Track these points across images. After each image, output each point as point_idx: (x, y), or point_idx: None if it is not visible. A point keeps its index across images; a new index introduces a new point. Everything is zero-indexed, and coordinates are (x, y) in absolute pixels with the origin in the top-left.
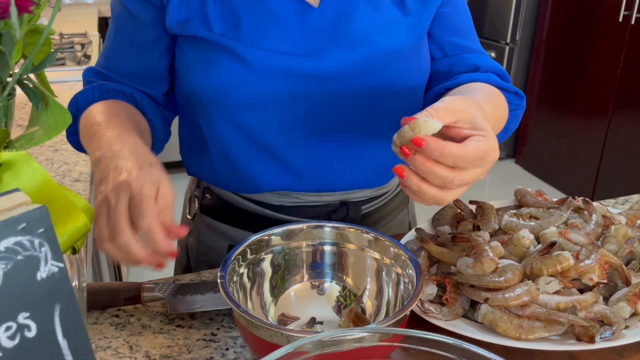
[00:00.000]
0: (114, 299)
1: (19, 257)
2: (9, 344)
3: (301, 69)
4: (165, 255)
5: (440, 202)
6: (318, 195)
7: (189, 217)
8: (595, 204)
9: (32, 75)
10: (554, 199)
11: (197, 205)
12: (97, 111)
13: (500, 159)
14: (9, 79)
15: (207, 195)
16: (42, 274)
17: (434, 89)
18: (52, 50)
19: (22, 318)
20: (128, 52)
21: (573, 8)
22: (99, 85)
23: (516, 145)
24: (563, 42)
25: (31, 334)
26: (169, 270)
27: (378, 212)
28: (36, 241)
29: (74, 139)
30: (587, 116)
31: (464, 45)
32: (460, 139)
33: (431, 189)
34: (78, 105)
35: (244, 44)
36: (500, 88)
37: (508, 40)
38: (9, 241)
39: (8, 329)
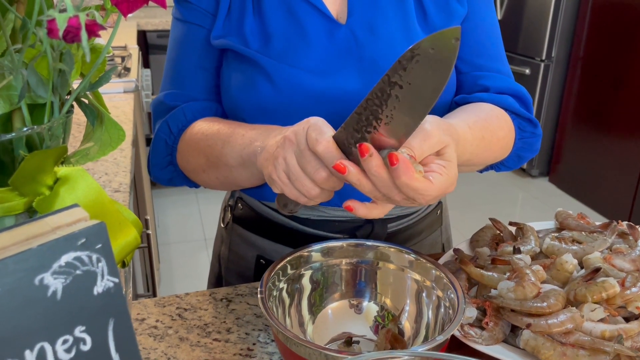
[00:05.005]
0: None
1: (78, 272)
2: (65, 357)
3: (323, 87)
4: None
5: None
6: (344, 210)
7: (222, 225)
8: None
9: (88, 93)
10: (597, 223)
11: (230, 215)
12: (207, 125)
13: (533, 177)
14: (67, 97)
15: (239, 205)
16: (98, 288)
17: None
18: (108, 69)
19: (79, 332)
20: (202, 68)
21: (611, 24)
22: (187, 106)
23: (550, 163)
24: (600, 59)
25: (86, 347)
26: (203, 280)
27: (406, 231)
28: (94, 256)
29: (167, 170)
30: (624, 135)
31: (479, 63)
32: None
33: (371, 187)
34: (171, 130)
35: (273, 59)
36: (512, 112)
37: (543, 57)
38: (69, 256)
39: (65, 342)
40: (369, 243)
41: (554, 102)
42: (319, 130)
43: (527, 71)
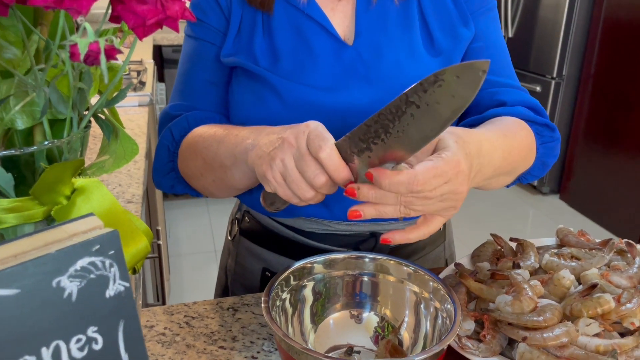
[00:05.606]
0: None
1: (92, 276)
2: (78, 354)
3: (330, 103)
4: (342, 181)
5: (407, 215)
6: (348, 224)
7: (229, 238)
8: (639, 246)
9: (105, 109)
10: (597, 240)
11: (237, 228)
12: (206, 128)
13: (544, 194)
14: (85, 112)
15: (246, 218)
16: (110, 292)
17: (460, 124)
18: (124, 87)
19: (91, 332)
20: (212, 83)
21: (621, 42)
22: (190, 114)
23: (561, 181)
24: (611, 77)
25: (98, 346)
26: (212, 291)
27: (409, 245)
28: (107, 262)
29: (169, 177)
30: (636, 153)
31: (493, 80)
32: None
33: (389, 207)
34: (174, 137)
35: (281, 77)
36: (528, 120)
37: (554, 75)
38: (84, 261)
39: (78, 340)
40: (370, 256)
41: (565, 120)
42: (322, 137)
43: (538, 89)
